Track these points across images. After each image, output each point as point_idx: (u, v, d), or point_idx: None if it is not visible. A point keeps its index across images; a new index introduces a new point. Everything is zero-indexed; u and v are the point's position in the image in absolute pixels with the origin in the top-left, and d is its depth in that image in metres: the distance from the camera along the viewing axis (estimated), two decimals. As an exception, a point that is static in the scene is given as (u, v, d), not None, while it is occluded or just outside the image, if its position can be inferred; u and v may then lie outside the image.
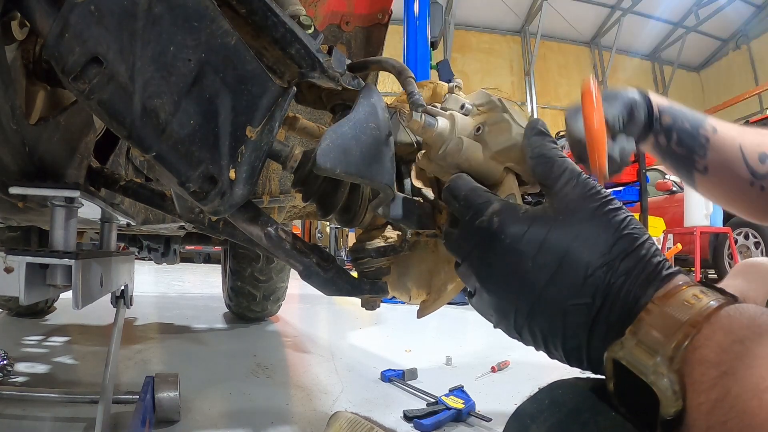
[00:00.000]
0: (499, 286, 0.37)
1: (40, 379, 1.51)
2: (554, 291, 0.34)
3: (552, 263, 0.35)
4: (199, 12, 0.42)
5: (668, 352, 0.30)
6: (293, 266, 0.56)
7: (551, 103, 12.96)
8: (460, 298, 3.05)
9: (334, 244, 9.31)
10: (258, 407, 1.37)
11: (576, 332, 0.35)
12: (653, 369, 0.30)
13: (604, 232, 0.34)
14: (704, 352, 0.29)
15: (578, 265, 0.34)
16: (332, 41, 1.17)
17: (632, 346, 0.31)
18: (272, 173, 1.28)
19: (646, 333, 0.31)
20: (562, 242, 0.35)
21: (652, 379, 0.30)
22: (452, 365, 1.97)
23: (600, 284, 0.34)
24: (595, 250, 0.34)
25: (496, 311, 0.38)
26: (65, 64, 0.38)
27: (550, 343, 0.36)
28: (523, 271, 0.35)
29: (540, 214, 0.37)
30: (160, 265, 5.59)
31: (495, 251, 0.37)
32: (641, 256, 0.34)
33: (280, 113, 0.49)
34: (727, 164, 0.73)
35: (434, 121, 0.48)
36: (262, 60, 0.48)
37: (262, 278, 2.50)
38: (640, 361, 0.30)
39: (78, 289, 0.59)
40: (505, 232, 0.37)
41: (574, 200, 0.36)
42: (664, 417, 0.29)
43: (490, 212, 0.38)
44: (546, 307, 0.35)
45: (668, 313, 0.31)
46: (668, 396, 0.29)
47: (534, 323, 0.36)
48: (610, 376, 0.33)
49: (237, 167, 0.46)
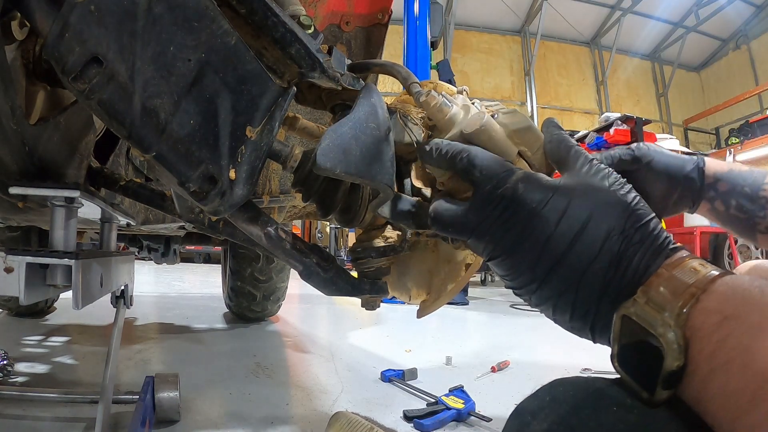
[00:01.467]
0: (519, 251, 0.39)
1: (40, 379, 1.50)
2: (574, 256, 0.37)
3: (573, 229, 0.37)
4: (199, 12, 0.42)
5: (675, 310, 0.32)
6: (293, 266, 0.56)
7: (551, 103, 12.95)
8: (460, 298, 3.04)
9: (334, 244, 9.31)
10: (258, 407, 1.37)
11: (589, 296, 0.37)
12: (661, 322, 0.32)
13: (619, 206, 0.38)
14: (705, 303, 0.32)
15: (597, 232, 0.37)
16: (332, 41, 1.17)
17: (643, 303, 0.34)
18: (272, 173, 1.28)
19: (657, 292, 0.34)
20: (583, 211, 0.37)
21: (660, 331, 0.32)
22: (452, 365, 1.97)
23: (615, 251, 0.36)
24: (611, 221, 0.37)
25: (513, 274, 0.40)
26: (65, 64, 0.38)
27: (559, 307, 0.39)
28: (545, 235, 0.38)
29: (561, 184, 0.40)
30: (160, 265, 5.59)
31: (518, 217, 0.39)
32: (651, 229, 0.37)
33: (280, 113, 0.49)
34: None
35: (450, 104, 0.48)
36: (262, 60, 0.48)
37: (262, 278, 2.50)
38: (649, 316, 0.33)
39: (78, 289, 0.59)
40: (530, 198, 0.39)
41: (591, 177, 0.39)
42: (666, 371, 0.31)
43: (515, 179, 0.40)
44: (564, 271, 0.37)
45: (677, 277, 0.34)
46: (674, 349, 0.31)
47: (548, 286, 0.38)
48: (615, 337, 0.36)
49: (237, 167, 0.46)
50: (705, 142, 13.50)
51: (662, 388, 0.32)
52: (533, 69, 12.76)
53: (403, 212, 0.53)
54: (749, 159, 10.73)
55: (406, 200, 0.54)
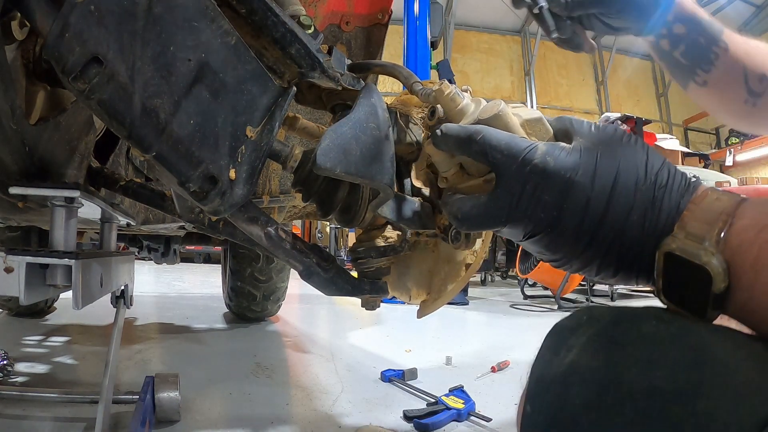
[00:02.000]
0: (561, 223, 0.39)
1: (40, 379, 1.50)
2: (612, 213, 0.38)
3: (607, 187, 0.38)
4: (199, 12, 0.42)
5: (714, 237, 0.35)
6: (293, 266, 0.56)
7: (551, 103, 12.94)
8: (460, 298, 3.04)
9: (334, 244, 9.31)
10: (258, 407, 1.37)
11: (632, 244, 0.39)
12: (704, 252, 0.34)
13: (637, 155, 0.39)
14: (739, 224, 0.34)
15: (628, 182, 0.38)
16: (332, 41, 1.17)
17: (682, 238, 0.36)
18: (272, 173, 1.28)
19: (693, 226, 0.36)
20: (610, 166, 0.39)
21: (704, 260, 0.34)
22: (452, 365, 1.97)
23: (649, 197, 0.38)
24: (636, 170, 0.39)
25: (554, 246, 0.41)
26: (65, 64, 0.38)
27: (604, 264, 0.40)
28: (584, 200, 0.38)
29: (581, 147, 0.40)
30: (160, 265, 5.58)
31: (555, 189, 0.39)
32: (671, 170, 0.39)
33: (280, 113, 0.49)
34: (727, 82, 0.73)
35: (462, 95, 0.48)
36: (262, 60, 0.48)
37: (262, 278, 2.50)
38: (691, 247, 0.35)
39: (78, 289, 0.59)
40: (563, 167, 0.39)
41: (603, 135, 0.41)
42: (715, 293, 0.34)
43: (541, 153, 0.40)
44: (606, 229, 0.39)
45: (706, 208, 0.36)
46: (719, 272, 0.34)
47: (593, 248, 0.39)
48: (660, 273, 0.37)
49: (237, 167, 0.46)
50: (705, 142, 13.50)
51: (712, 308, 0.34)
52: (533, 69, 12.76)
53: (403, 212, 0.53)
54: (749, 159, 10.73)
55: (410, 201, 0.54)
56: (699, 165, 8.52)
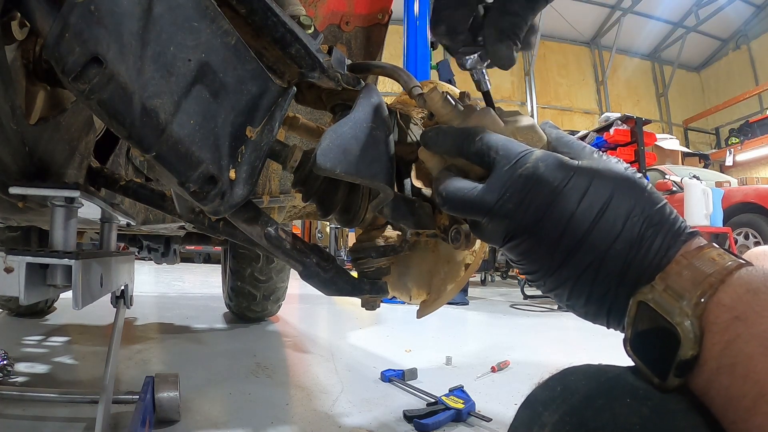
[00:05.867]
0: (539, 231, 0.38)
1: (40, 379, 1.51)
2: (595, 235, 0.37)
3: (594, 209, 0.37)
4: (199, 12, 0.42)
5: (694, 299, 0.32)
6: (293, 266, 0.56)
7: (551, 103, 12.95)
8: (460, 298, 3.04)
9: (334, 244, 9.31)
10: (258, 407, 1.37)
11: (609, 277, 0.37)
12: (679, 311, 0.32)
13: (637, 188, 0.38)
14: (721, 296, 0.31)
15: (618, 212, 0.37)
16: (332, 41, 1.17)
17: (661, 290, 0.34)
18: (272, 173, 1.28)
19: (675, 280, 0.33)
20: (604, 190, 0.37)
21: (677, 320, 0.32)
22: (452, 365, 1.97)
23: (636, 232, 0.36)
24: (631, 202, 0.37)
25: (531, 256, 0.40)
26: (65, 64, 0.38)
27: (576, 290, 0.38)
28: (567, 214, 0.37)
29: (580, 165, 0.39)
30: (160, 265, 5.59)
31: (540, 195, 0.38)
32: (668, 212, 0.37)
33: (280, 113, 0.49)
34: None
35: (453, 101, 0.48)
36: (262, 60, 0.48)
37: (262, 278, 2.51)
38: (667, 303, 0.33)
39: (78, 289, 0.59)
40: (553, 176, 0.38)
41: (605, 163, 0.40)
42: (680, 359, 0.31)
43: (535, 159, 0.39)
44: (585, 251, 0.37)
45: (696, 266, 0.34)
46: (690, 338, 0.31)
47: (568, 268, 0.38)
48: (630, 322, 0.35)
49: (237, 167, 0.46)
50: (705, 142, 13.51)
51: (675, 375, 0.32)
52: (533, 69, 12.76)
53: (403, 212, 0.53)
54: (749, 159, 10.73)
55: (410, 201, 0.54)
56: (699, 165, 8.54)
